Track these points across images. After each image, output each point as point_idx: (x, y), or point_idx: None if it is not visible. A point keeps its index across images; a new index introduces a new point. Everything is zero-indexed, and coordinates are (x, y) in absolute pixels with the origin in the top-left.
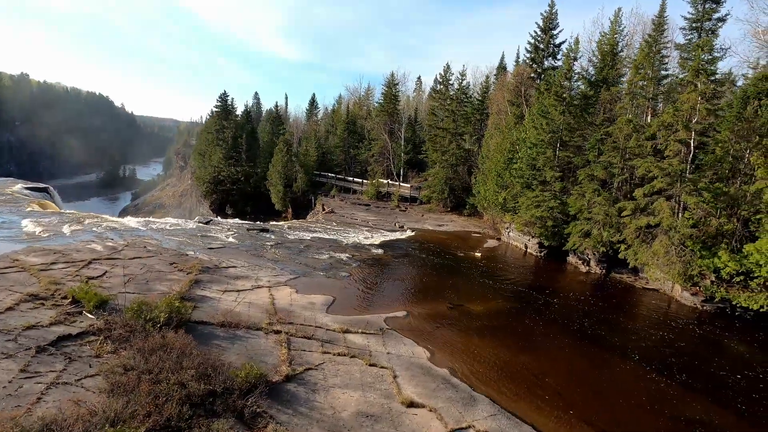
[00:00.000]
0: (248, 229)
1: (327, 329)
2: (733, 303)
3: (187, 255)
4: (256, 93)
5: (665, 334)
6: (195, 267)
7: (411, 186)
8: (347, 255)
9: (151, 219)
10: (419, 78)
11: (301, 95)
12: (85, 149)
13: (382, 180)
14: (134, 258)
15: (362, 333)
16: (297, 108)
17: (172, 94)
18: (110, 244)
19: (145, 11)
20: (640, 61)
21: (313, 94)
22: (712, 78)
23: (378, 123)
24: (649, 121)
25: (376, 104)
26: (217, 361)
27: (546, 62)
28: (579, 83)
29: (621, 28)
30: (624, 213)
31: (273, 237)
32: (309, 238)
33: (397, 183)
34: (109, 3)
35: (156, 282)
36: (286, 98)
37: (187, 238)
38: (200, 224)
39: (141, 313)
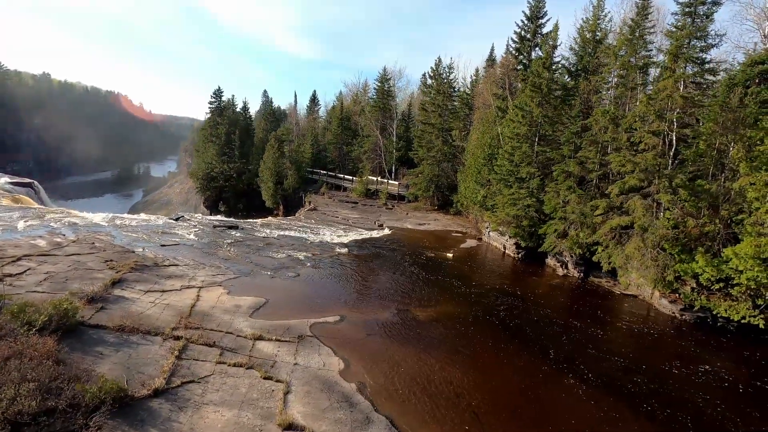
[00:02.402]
0: (214, 226)
1: (238, 335)
2: (714, 312)
3: (133, 252)
4: (265, 91)
5: (631, 348)
6: (128, 265)
7: (399, 183)
8: (307, 254)
9: (119, 215)
10: (424, 75)
11: (322, 95)
12: (103, 147)
13: (371, 177)
14: (72, 255)
15: (276, 340)
16: (302, 106)
17: (189, 93)
18: (58, 240)
19: (164, 12)
20: (620, 47)
21: (314, 91)
22: (706, 67)
23: (370, 119)
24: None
25: (370, 100)
26: (83, 372)
27: (533, 53)
28: (561, 73)
29: (604, 14)
30: (596, 212)
31: (238, 235)
32: (276, 236)
33: (385, 181)
34: (129, 3)
35: (76, 281)
36: (296, 96)
37: (145, 235)
38: (170, 221)
39: (20, 316)
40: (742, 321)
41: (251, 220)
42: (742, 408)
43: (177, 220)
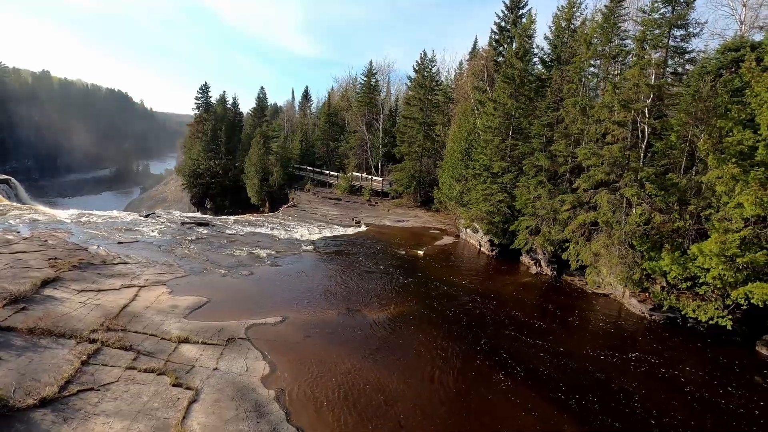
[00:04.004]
0: (182, 223)
1: (162, 338)
2: (683, 313)
3: (85, 250)
4: (262, 87)
5: (592, 352)
6: (70, 263)
7: (383, 180)
8: (270, 251)
9: (87, 212)
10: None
11: (315, 91)
12: (103, 144)
13: (355, 174)
14: (17, 252)
15: (202, 343)
16: (299, 103)
17: (193, 92)
18: (9, 237)
19: (169, 11)
20: (592, 35)
21: (306, 87)
22: (687, 57)
23: (356, 114)
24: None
25: (357, 95)
26: None
27: (513, 44)
28: (535, 64)
29: (579, 2)
30: (563, 207)
31: (204, 232)
32: (244, 233)
33: (369, 177)
34: (132, 2)
35: (7, 280)
36: (293, 93)
37: (106, 232)
38: (139, 217)
39: None
40: (710, 322)
41: (225, 217)
42: (688, 411)
43: (147, 216)
